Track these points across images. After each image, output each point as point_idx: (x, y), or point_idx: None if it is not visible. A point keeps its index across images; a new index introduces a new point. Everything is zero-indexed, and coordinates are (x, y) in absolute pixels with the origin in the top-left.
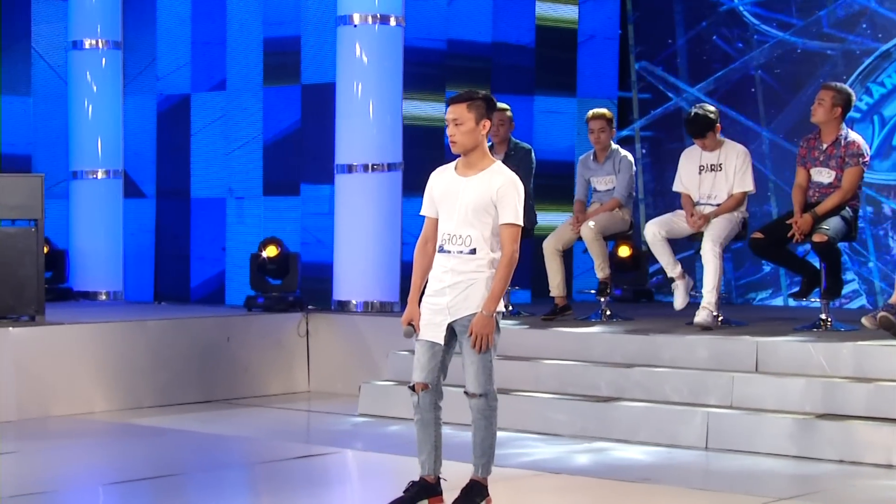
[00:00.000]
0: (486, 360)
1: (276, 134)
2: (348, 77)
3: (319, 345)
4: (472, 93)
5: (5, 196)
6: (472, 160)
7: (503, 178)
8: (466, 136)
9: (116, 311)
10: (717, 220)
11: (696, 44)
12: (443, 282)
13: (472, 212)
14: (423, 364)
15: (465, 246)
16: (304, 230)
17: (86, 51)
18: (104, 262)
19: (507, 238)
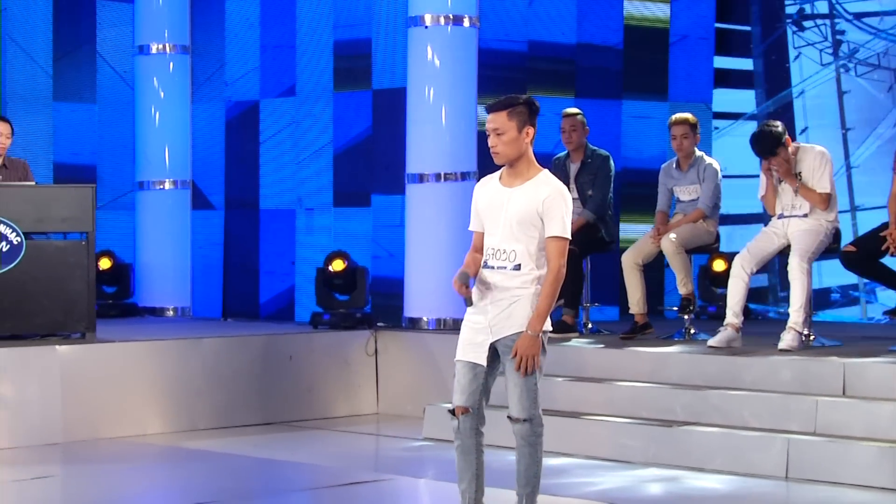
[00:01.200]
0: (530, 383)
1: (347, 142)
2: (419, 81)
3: (389, 364)
4: (511, 98)
5: (55, 208)
6: (518, 170)
7: (549, 188)
8: (509, 146)
9: (177, 328)
10: (804, 234)
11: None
12: (485, 298)
13: (517, 225)
14: (463, 386)
15: (510, 261)
16: (375, 243)
17: (152, 56)
18: (171, 276)
19: (554, 252)
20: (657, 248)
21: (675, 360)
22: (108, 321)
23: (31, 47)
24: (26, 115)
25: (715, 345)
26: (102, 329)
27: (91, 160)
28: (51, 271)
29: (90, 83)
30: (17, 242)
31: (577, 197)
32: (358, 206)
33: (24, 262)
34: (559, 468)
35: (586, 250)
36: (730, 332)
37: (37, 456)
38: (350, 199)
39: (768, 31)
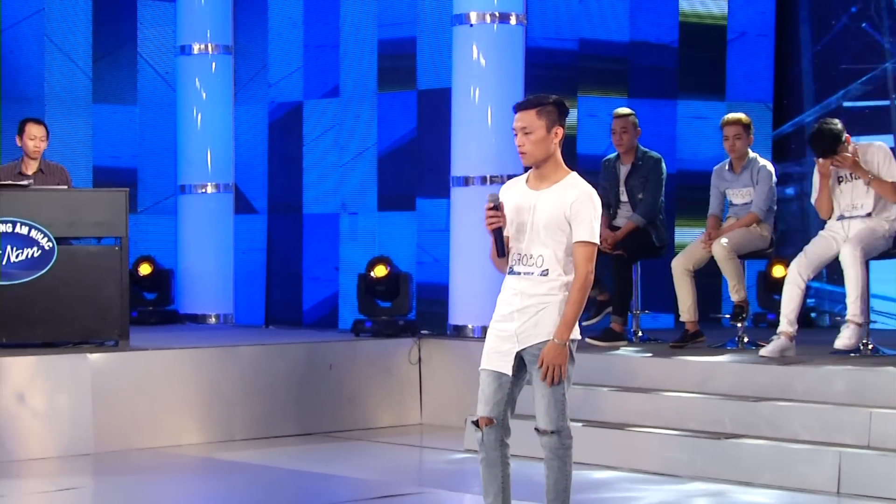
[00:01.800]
0: (558, 394)
1: (391, 144)
2: (465, 81)
3: (433, 373)
4: (541, 97)
5: (88, 212)
6: (545, 172)
7: (578, 191)
8: (537, 146)
9: (215, 335)
10: (862, 230)
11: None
12: (511, 305)
13: (544, 229)
14: (487, 397)
15: (537, 267)
16: (420, 248)
17: (194, 56)
18: (213, 283)
19: (581, 257)
20: (708, 254)
21: (724, 369)
22: (148, 328)
23: (70, 48)
24: (65, 117)
25: (767, 354)
26: (138, 337)
27: (132, 163)
28: (83, 277)
29: (131, 85)
30: (49, 248)
31: (626, 200)
32: (402, 210)
33: (56, 268)
34: (603, 482)
35: (636, 256)
36: (783, 340)
37: (67, 467)
38: (394, 203)
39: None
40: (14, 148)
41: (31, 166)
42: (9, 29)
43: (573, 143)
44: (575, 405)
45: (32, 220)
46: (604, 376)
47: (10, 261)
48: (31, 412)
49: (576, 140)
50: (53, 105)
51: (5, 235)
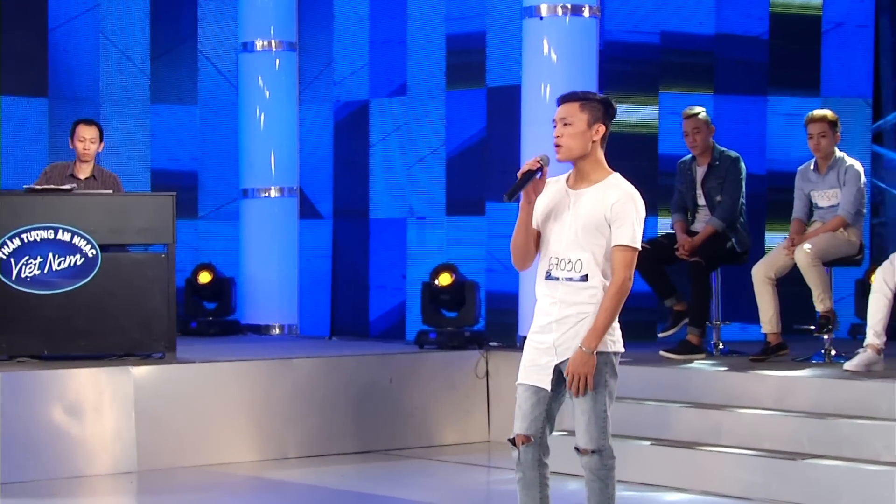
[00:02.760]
0: (598, 410)
1: (460, 144)
2: (534, 77)
3: (501, 388)
4: (588, 93)
5: (133, 217)
6: (585, 170)
7: (620, 192)
8: (574, 140)
9: (274, 347)
10: None
11: None
12: (549, 315)
13: (583, 231)
14: (524, 413)
15: (576, 272)
16: (490, 255)
17: (257, 53)
18: (277, 291)
19: (620, 262)
20: (791, 261)
21: (804, 385)
22: (207, 340)
23: (127, 46)
24: (122, 118)
25: (851, 368)
26: (188, 349)
27: (192, 166)
28: (128, 286)
29: (191, 84)
30: (93, 255)
31: (704, 204)
32: (472, 215)
33: (100, 277)
34: None
35: (714, 262)
36: (870, 354)
37: (109, 486)
38: (463, 207)
39: None
40: (69, 151)
41: (83, 170)
42: (62, 26)
43: (654, 144)
44: (643, 422)
45: (75, 226)
46: (675, 391)
47: (52, 269)
48: (71, 428)
49: (657, 140)
50: (109, 106)
51: (47, 242)
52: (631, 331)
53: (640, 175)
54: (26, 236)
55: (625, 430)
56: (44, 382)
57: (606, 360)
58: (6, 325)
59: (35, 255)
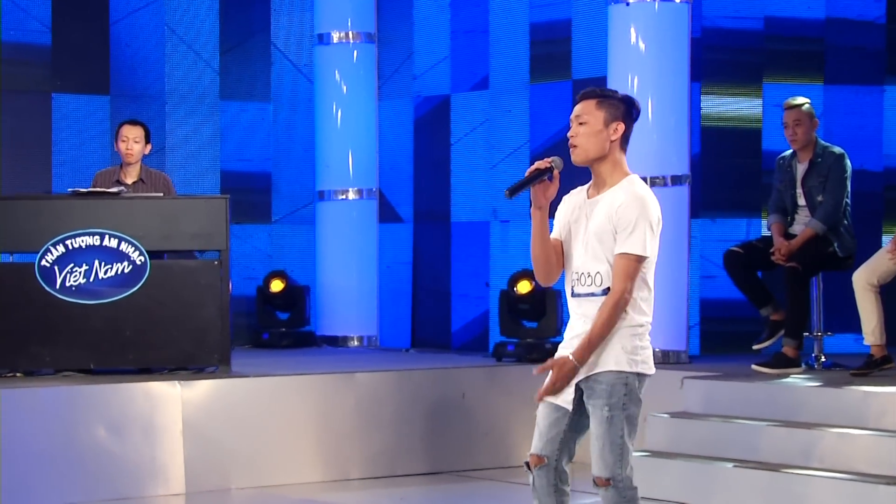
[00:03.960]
0: (614, 436)
1: (545, 141)
2: (621, 68)
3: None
4: (608, 90)
5: (184, 222)
6: (602, 175)
7: (626, 195)
8: (590, 139)
9: (342, 360)
10: None
11: None
12: (574, 330)
13: (597, 241)
14: (541, 432)
15: (596, 286)
16: None
17: (334, 45)
18: (356, 300)
19: (620, 272)
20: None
21: None
22: (278, 353)
23: (194, 39)
24: (189, 116)
25: None
26: (246, 362)
27: (264, 167)
28: (179, 295)
29: (263, 79)
30: (141, 262)
31: (804, 204)
32: None
33: (149, 285)
34: None
35: (814, 268)
36: None
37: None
38: None
39: None
40: None
41: (130, 174)
42: (124, 19)
43: (757, 139)
44: (727, 442)
45: (123, 231)
46: (763, 408)
47: (99, 277)
48: (116, 447)
49: (761, 135)
50: (175, 103)
51: (92, 249)
52: (724, 342)
53: (741, 173)
54: (71, 243)
55: (707, 450)
56: (88, 398)
57: (625, 382)
58: (50, 337)
59: (80, 263)
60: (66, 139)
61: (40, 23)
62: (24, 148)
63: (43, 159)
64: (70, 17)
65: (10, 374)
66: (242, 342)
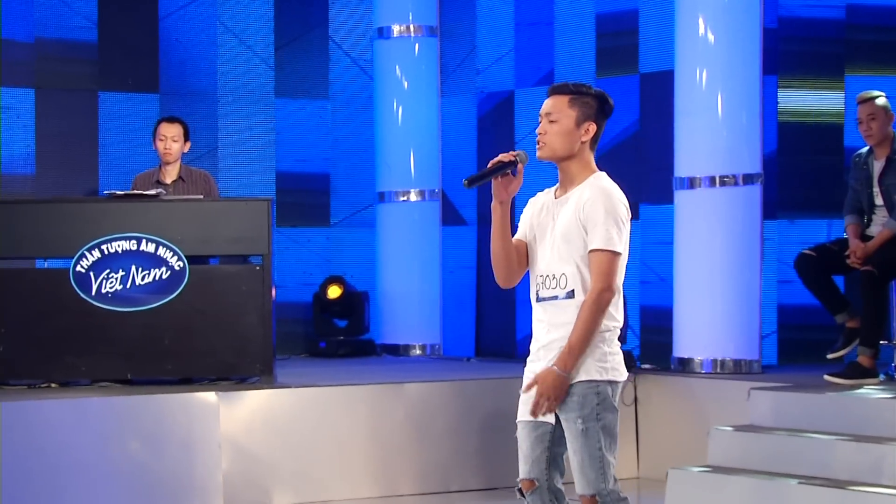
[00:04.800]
0: (591, 448)
1: (612, 139)
2: (689, 61)
3: (652, 416)
4: (581, 85)
5: (224, 226)
6: (570, 174)
7: (593, 190)
8: (559, 139)
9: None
10: None
11: None
12: (538, 341)
13: (562, 240)
14: (525, 454)
15: (561, 288)
16: (644, 264)
17: (394, 40)
18: (418, 307)
19: (595, 269)
20: None
21: None
22: (334, 362)
23: (248, 34)
24: (243, 115)
25: None
26: (291, 372)
27: (322, 168)
28: (220, 303)
29: (320, 75)
30: (180, 268)
31: (882, 203)
32: None
33: (188, 292)
34: None
35: (892, 272)
36: None
37: None
38: None
39: None
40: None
41: (169, 174)
42: (174, 14)
43: (839, 135)
44: (792, 457)
45: (160, 235)
46: (834, 422)
47: (136, 283)
48: (153, 461)
49: (842, 131)
50: (228, 101)
51: (129, 254)
52: (804, 351)
53: (822, 171)
54: (107, 247)
55: (772, 465)
56: (122, 410)
57: (597, 391)
58: (86, 346)
59: (116, 269)
60: (113, 139)
61: (86, 18)
62: (70, 149)
63: (89, 160)
64: (117, 12)
65: (44, 385)
66: (299, 351)
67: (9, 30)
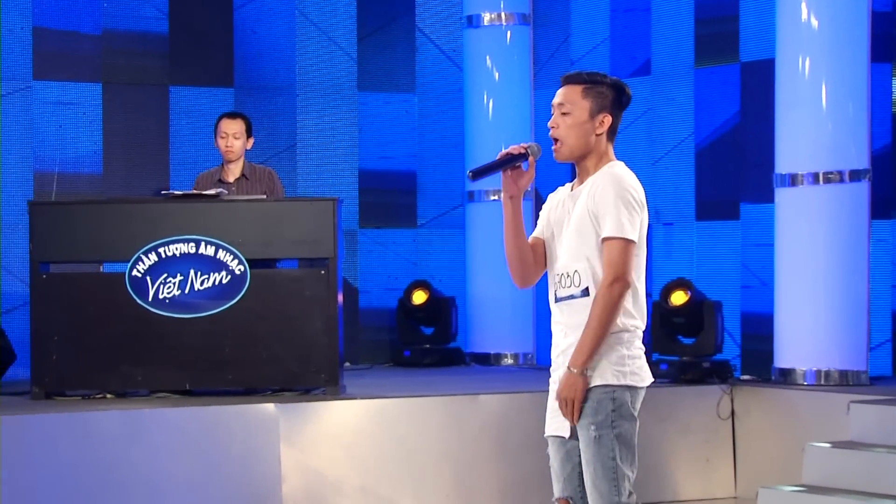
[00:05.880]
0: (604, 458)
1: (711, 133)
2: (791, 50)
3: (751, 431)
4: (595, 74)
5: (287, 228)
6: (587, 168)
7: (604, 178)
8: (572, 132)
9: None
10: None
11: None
12: (557, 346)
13: (577, 235)
14: (556, 471)
15: (576, 286)
16: (745, 268)
17: (484, 28)
18: (510, 313)
19: (607, 258)
20: None
21: None
22: (419, 372)
23: (329, 24)
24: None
25: None
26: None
27: (409, 165)
28: (283, 309)
29: (406, 67)
30: (240, 272)
31: None
32: (725, 219)
33: (249, 298)
34: None
35: None
36: None
37: None
38: (715, 210)
39: None
40: (258, 152)
41: (231, 172)
42: (250, 3)
43: None
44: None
45: (220, 238)
46: None
47: (195, 288)
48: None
49: None
50: (308, 96)
51: (188, 257)
52: None
53: None
54: (164, 251)
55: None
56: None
57: (612, 397)
58: (143, 354)
59: (174, 273)
60: (185, 136)
61: (157, 9)
62: (140, 147)
63: (160, 158)
64: (189, 1)
65: (99, 396)
66: (383, 360)
67: (75, 21)
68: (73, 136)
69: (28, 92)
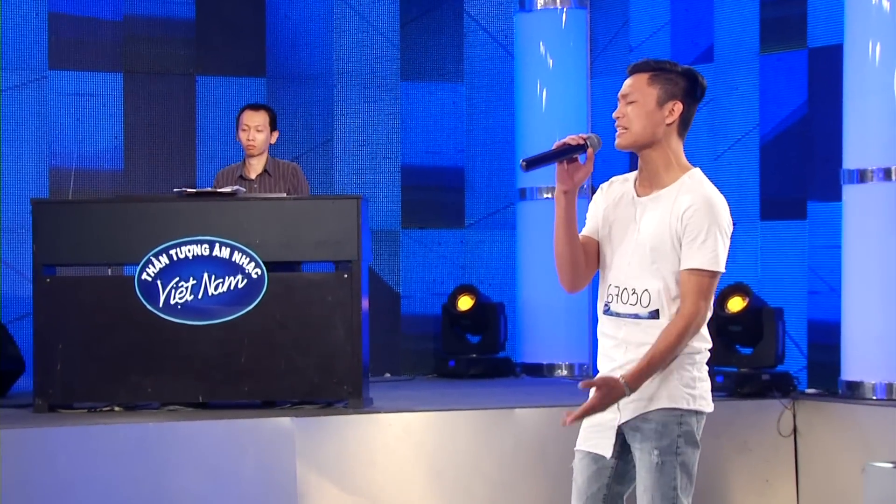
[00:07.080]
0: (664, 486)
1: (777, 125)
2: (860, 35)
3: (815, 449)
4: (664, 62)
5: (307, 228)
6: (654, 166)
7: (693, 196)
8: (639, 121)
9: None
10: None
11: None
12: (613, 360)
13: (652, 252)
14: (580, 488)
15: (642, 306)
16: (812, 272)
17: (537, 12)
18: (564, 321)
19: (691, 290)
20: None
21: None
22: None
23: (370, 9)
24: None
25: None
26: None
27: (456, 161)
28: (303, 315)
29: (454, 54)
30: (258, 276)
31: None
32: (791, 219)
33: (267, 303)
34: None
35: None
36: None
37: None
38: (781, 209)
39: None
40: (286, 145)
41: (253, 168)
42: None
43: None
44: None
45: (236, 239)
46: None
47: (209, 293)
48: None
49: None
50: (348, 85)
51: (201, 260)
52: None
53: None
54: (176, 252)
55: None
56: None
57: (679, 421)
58: (153, 364)
59: (187, 277)
60: (213, 130)
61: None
62: (165, 140)
63: (185, 154)
64: None
65: (107, 409)
66: (426, 371)
67: (94, 6)
68: (92, 130)
69: (43, 82)
